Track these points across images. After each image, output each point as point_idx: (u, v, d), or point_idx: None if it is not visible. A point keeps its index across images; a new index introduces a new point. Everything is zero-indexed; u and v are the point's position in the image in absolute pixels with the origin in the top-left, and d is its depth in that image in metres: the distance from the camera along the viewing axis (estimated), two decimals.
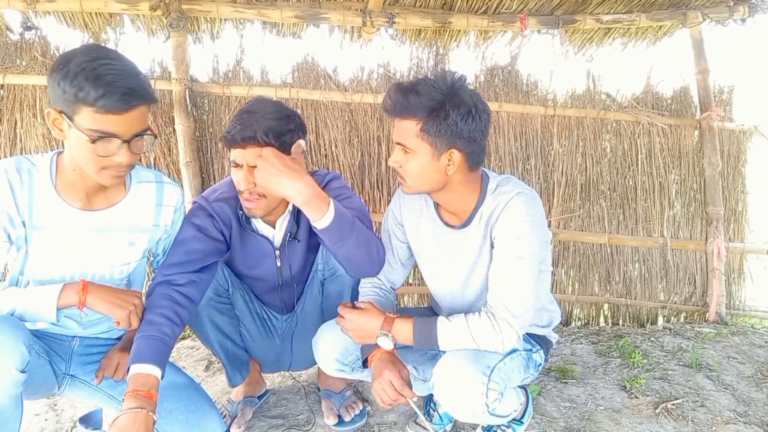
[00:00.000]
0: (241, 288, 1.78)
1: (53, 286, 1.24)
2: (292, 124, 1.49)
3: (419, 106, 1.27)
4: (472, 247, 1.45)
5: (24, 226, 1.28)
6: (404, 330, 1.38)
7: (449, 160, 1.32)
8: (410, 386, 1.39)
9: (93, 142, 1.17)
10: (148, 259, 1.58)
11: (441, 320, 1.37)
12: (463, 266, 1.49)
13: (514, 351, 1.45)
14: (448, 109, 1.27)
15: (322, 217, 1.35)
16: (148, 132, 1.25)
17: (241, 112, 1.48)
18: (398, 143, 1.35)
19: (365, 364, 1.51)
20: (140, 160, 2.71)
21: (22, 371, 1.14)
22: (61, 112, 1.17)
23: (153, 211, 1.44)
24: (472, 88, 1.35)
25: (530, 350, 1.53)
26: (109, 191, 1.36)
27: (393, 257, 1.65)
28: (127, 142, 1.20)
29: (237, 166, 1.49)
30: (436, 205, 1.51)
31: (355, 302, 1.50)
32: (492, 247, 1.41)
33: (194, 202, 1.63)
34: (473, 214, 1.42)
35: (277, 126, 1.44)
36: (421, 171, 1.34)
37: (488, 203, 1.40)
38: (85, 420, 1.74)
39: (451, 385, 1.34)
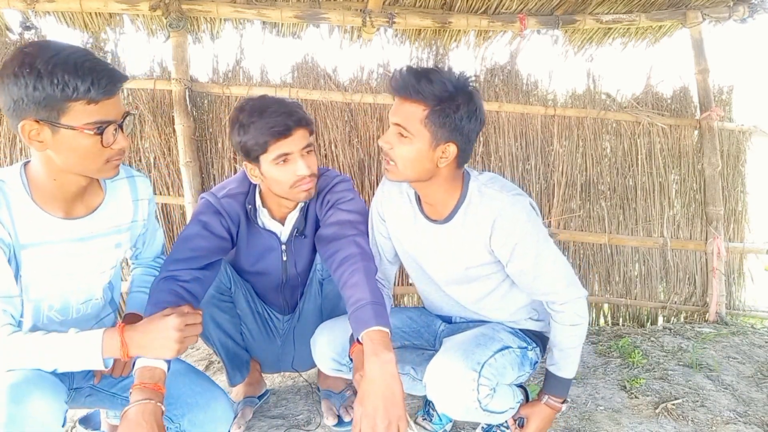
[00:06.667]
0: (243, 287, 1.79)
1: (91, 336, 1.16)
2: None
3: (430, 93, 1.27)
4: (453, 243, 1.45)
5: (9, 246, 1.18)
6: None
7: (444, 153, 1.32)
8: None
9: (98, 134, 1.11)
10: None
11: (555, 368, 1.50)
12: (444, 260, 1.50)
13: (506, 347, 1.46)
14: (459, 103, 1.28)
15: None
16: (131, 111, 1.20)
17: (257, 109, 1.47)
18: (397, 124, 1.32)
19: None
20: (140, 160, 2.73)
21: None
22: (39, 120, 1.08)
23: (131, 208, 1.40)
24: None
25: (525, 348, 1.53)
26: (87, 196, 1.29)
27: (378, 254, 1.64)
28: (121, 125, 1.16)
29: (284, 157, 1.48)
30: (418, 199, 1.51)
31: None
32: (490, 251, 1.42)
33: (201, 198, 1.63)
34: (456, 210, 1.43)
35: (304, 113, 1.51)
36: (414, 157, 1.32)
37: (475, 202, 1.40)
38: (85, 421, 1.75)
39: (442, 382, 1.35)
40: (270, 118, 1.44)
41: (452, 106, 1.27)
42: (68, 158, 1.14)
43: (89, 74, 1.06)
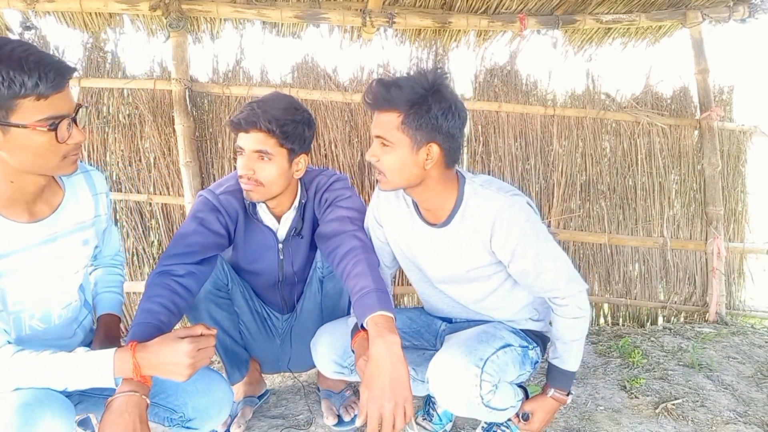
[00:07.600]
0: (240, 284, 1.79)
1: (102, 356, 1.15)
2: (299, 116, 1.52)
3: (401, 99, 1.29)
4: (453, 245, 1.46)
5: None
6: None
7: (427, 155, 1.33)
8: None
9: (53, 130, 1.07)
10: None
11: (558, 361, 1.51)
12: (443, 262, 1.50)
13: (508, 345, 1.46)
14: (430, 103, 1.28)
15: None
16: (82, 105, 1.16)
17: (253, 100, 1.54)
18: (378, 136, 1.35)
19: None
20: (140, 160, 2.72)
21: None
22: None
23: (92, 203, 1.37)
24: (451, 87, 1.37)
25: (526, 347, 1.53)
26: (48, 195, 1.24)
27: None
28: (75, 118, 1.12)
29: (240, 150, 1.52)
30: (415, 204, 1.51)
31: None
32: (490, 253, 1.42)
33: (199, 196, 1.64)
34: (453, 213, 1.43)
35: (282, 115, 1.48)
36: (400, 165, 1.34)
37: (471, 204, 1.41)
38: (84, 422, 1.74)
39: (444, 378, 1.35)
40: None
41: (424, 107, 1.28)
42: (23, 158, 1.09)
43: (35, 69, 1.01)
